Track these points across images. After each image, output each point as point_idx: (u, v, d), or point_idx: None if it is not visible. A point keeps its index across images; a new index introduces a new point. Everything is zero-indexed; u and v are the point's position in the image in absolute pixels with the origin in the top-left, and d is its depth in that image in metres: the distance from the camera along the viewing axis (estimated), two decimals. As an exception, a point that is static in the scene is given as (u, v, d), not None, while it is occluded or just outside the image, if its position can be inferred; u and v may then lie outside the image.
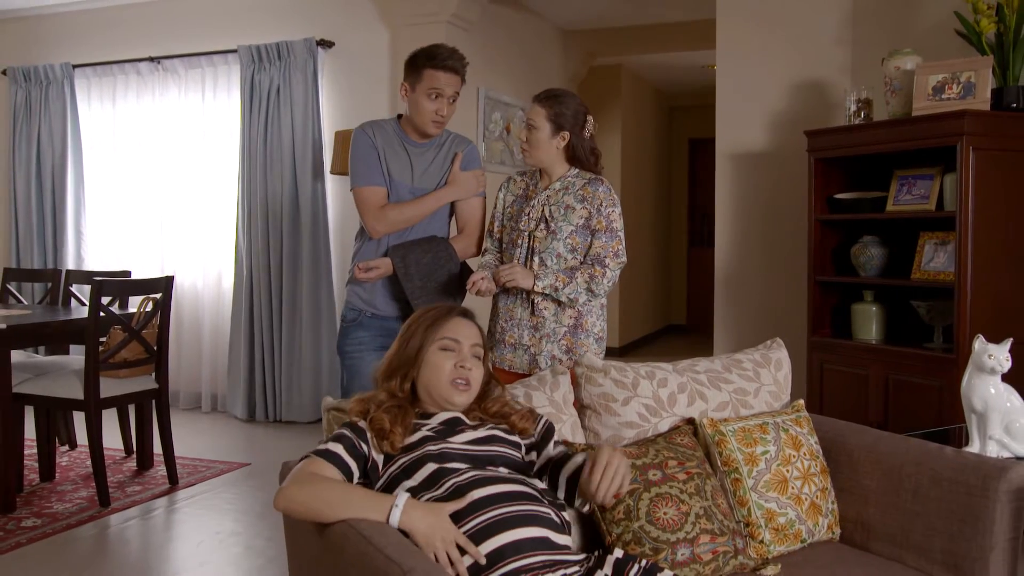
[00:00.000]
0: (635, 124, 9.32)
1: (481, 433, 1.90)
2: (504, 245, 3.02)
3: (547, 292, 2.78)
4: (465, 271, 3.01)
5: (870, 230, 3.96)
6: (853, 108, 3.99)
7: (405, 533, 1.61)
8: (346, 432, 1.83)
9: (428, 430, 1.87)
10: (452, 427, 1.90)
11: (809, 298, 4.09)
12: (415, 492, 1.74)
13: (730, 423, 2.23)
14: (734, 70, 4.80)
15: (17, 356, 4.39)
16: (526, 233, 2.88)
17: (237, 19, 5.97)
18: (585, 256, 2.84)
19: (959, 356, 3.37)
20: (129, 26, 6.31)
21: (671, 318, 10.71)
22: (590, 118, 2.91)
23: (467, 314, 2.06)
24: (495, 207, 3.09)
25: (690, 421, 2.26)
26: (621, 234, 2.86)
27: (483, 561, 1.62)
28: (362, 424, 1.85)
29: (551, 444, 2.01)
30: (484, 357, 2.02)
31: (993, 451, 2.32)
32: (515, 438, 1.96)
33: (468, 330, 2.01)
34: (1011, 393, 2.33)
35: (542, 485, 1.88)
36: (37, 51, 6.61)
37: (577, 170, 2.93)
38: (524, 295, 2.85)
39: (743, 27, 4.76)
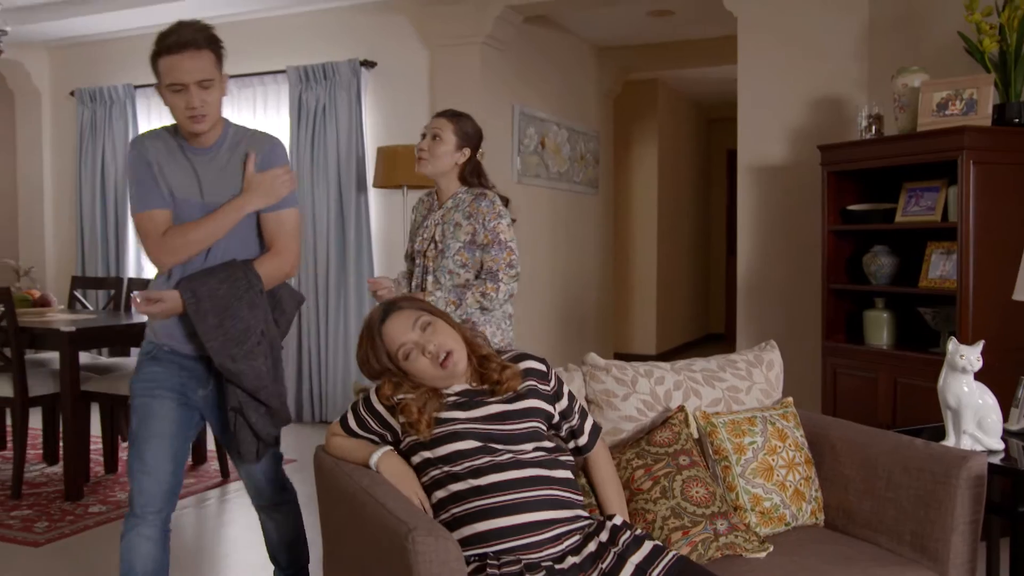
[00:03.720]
0: (672, 136, 9.52)
1: (499, 408, 2.04)
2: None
3: None
4: (289, 297, 2.60)
5: (881, 240, 4.14)
6: (864, 123, 4.17)
7: None
8: (361, 410, 2.14)
9: (451, 404, 2.04)
10: (471, 398, 2.06)
11: (823, 305, 4.27)
12: (432, 463, 1.98)
13: (721, 416, 2.46)
14: (754, 85, 5.00)
15: (84, 357, 4.76)
16: (421, 253, 3.04)
17: (286, 41, 6.32)
18: (481, 269, 2.95)
19: (960, 360, 3.53)
20: (186, 49, 6.69)
21: (710, 327, 10.86)
22: (482, 145, 3.10)
23: (388, 313, 2.11)
24: (409, 228, 3.22)
25: (681, 408, 2.48)
26: (512, 244, 2.94)
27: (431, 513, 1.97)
28: (380, 407, 2.08)
29: (565, 400, 2.19)
30: (438, 318, 2.10)
31: (967, 445, 2.51)
32: (539, 404, 2.10)
33: (404, 324, 2.07)
34: (984, 391, 2.52)
35: (551, 444, 2.07)
36: (102, 73, 7.05)
37: (467, 187, 3.04)
38: None
39: (763, 43, 4.96)
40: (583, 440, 2.23)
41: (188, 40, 2.30)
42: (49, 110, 7.41)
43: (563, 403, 2.20)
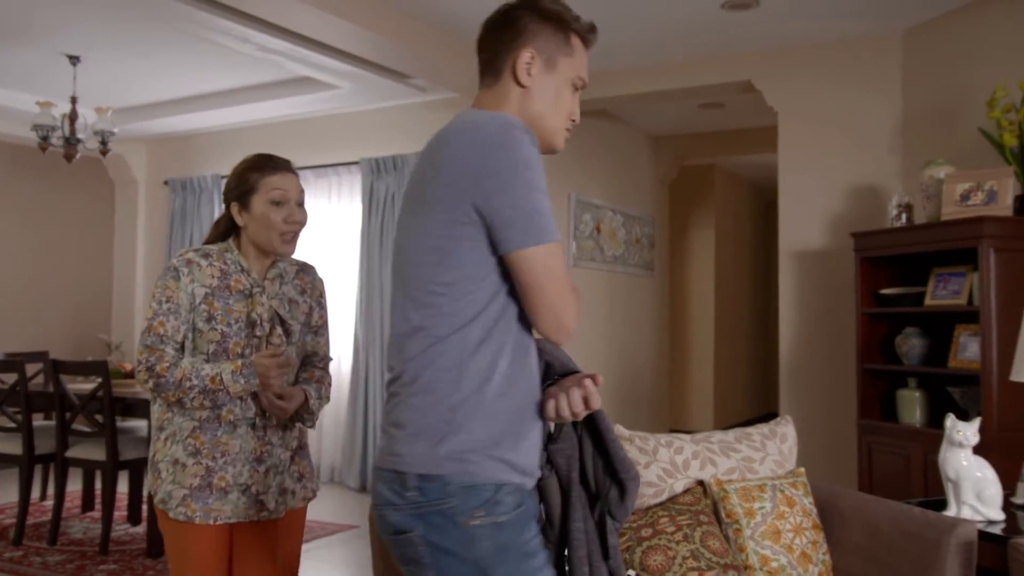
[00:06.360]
0: (730, 219, 9.78)
1: None
2: (212, 351, 2.24)
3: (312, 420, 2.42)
4: None
5: (912, 322, 4.33)
6: (894, 212, 4.41)
7: None
8: None
9: None
10: None
11: (858, 384, 4.45)
12: None
13: (734, 483, 2.69)
14: (794, 175, 5.28)
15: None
16: (261, 338, 2.28)
17: (359, 136, 6.85)
18: (312, 356, 2.47)
19: (986, 438, 3.68)
20: (268, 141, 7.28)
21: (771, 406, 10.90)
22: None
23: None
24: (168, 300, 2.21)
25: (700, 483, 2.73)
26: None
27: None
28: None
29: None
30: None
31: (967, 515, 2.68)
32: None
33: None
34: (983, 465, 2.70)
35: None
36: (192, 164, 7.69)
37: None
38: (249, 424, 2.28)
39: (802, 136, 5.26)
40: None
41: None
42: (144, 198, 8.07)
43: None
